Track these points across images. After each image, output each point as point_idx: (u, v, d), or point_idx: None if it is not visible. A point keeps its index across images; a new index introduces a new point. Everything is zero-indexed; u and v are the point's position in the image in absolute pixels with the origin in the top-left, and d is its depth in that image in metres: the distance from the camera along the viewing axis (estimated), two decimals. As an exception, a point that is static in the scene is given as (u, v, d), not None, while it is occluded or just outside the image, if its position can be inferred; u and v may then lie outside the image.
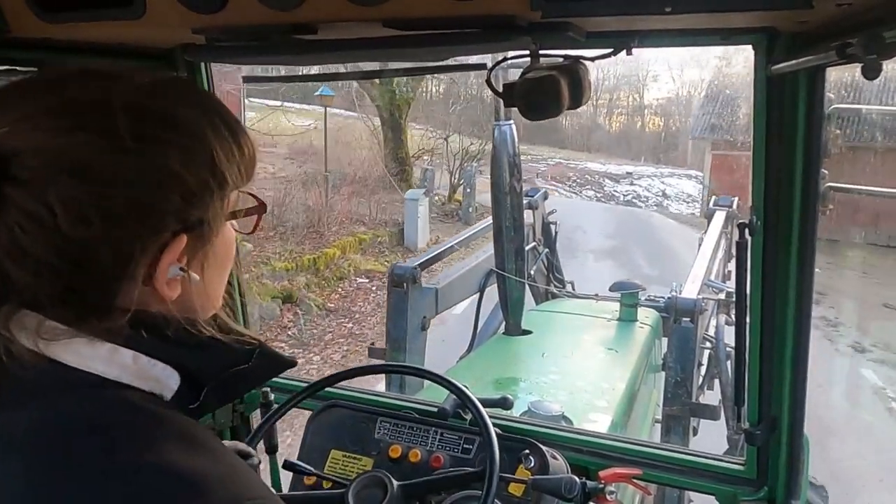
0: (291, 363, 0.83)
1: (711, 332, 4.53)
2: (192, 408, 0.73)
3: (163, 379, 0.70)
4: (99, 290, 0.67)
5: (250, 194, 0.80)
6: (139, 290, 0.68)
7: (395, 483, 1.49)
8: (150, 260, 0.68)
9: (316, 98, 16.00)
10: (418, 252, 11.77)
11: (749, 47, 1.28)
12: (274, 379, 1.81)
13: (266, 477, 1.76)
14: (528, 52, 1.11)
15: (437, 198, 17.67)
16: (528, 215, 4.83)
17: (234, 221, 0.80)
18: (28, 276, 0.64)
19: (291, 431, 4.21)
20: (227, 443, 1.52)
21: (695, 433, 4.10)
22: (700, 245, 5.50)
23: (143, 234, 0.67)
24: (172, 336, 0.70)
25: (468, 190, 17.36)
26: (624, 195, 35.64)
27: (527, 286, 4.37)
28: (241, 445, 1.54)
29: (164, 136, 0.68)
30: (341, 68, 1.88)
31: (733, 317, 1.75)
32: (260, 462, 1.54)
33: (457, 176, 18.12)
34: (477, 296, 4.40)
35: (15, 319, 0.65)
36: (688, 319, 3.78)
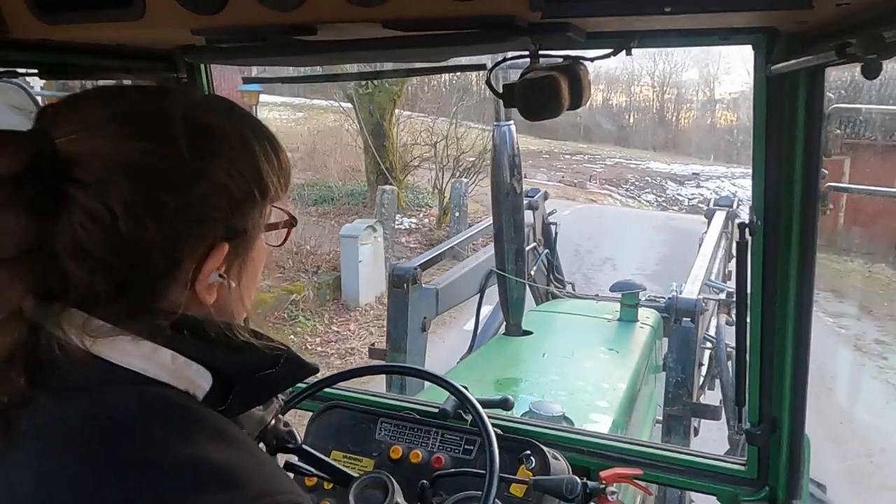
0: (314, 370, 0.86)
1: (712, 332, 4.53)
2: (220, 410, 0.75)
3: (196, 379, 0.73)
4: (148, 291, 0.71)
5: (282, 209, 0.84)
6: (180, 294, 0.72)
7: (396, 484, 1.49)
8: (194, 264, 0.72)
9: (237, 94, 11.08)
10: (359, 309, 9.65)
11: (749, 47, 1.28)
12: None
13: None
14: (527, 52, 1.11)
15: (426, 221, 14.86)
16: (528, 216, 4.83)
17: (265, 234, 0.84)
18: (85, 273, 0.67)
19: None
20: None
21: (696, 433, 4.10)
22: (700, 245, 5.50)
23: (192, 239, 0.71)
24: (211, 339, 0.73)
25: (457, 214, 13.82)
26: (689, 199, 32.19)
27: (527, 287, 4.37)
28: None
29: (216, 148, 0.73)
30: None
31: (734, 317, 1.75)
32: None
33: (447, 192, 14.39)
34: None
35: (65, 316, 0.68)
36: (688, 319, 3.77)
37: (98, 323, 0.69)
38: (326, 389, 1.75)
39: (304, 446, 1.47)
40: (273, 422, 1.44)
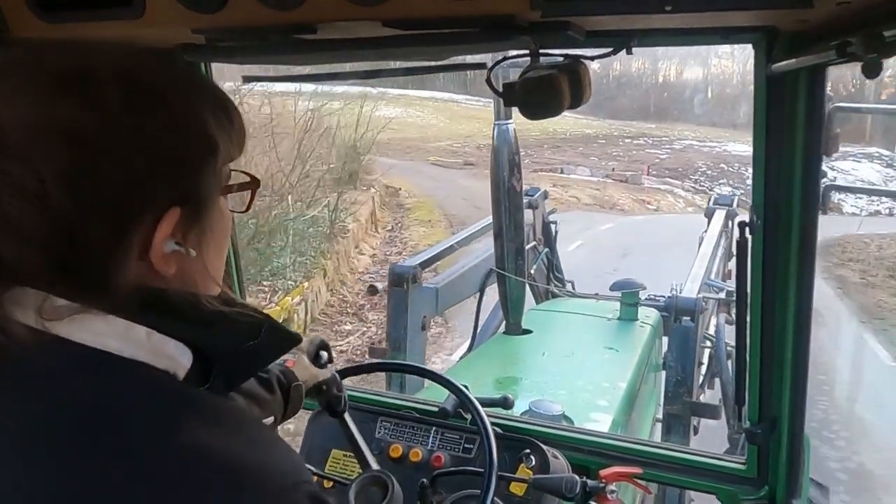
0: (297, 338, 0.81)
1: (712, 331, 4.54)
2: (204, 389, 0.71)
3: (176, 356, 0.68)
4: (95, 264, 0.65)
5: (243, 172, 0.79)
6: (137, 266, 0.66)
7: (396, 482, 1.49)
8: (144, 233, 0.66)
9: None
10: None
11: (746, 49, 1.28)
12: None
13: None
14: (528, 51, 1.11)
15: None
16: (527, 215, 4.83)
17: (227, 199, 0.78)
18: (18, 249, 0.62)
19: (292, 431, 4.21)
20: (307, 338, 1.55)
21: (695, 432, 4.10)
22: (700, 244, 5.50)
23: (136, 205, 0.65)
24: (183, 312, 0.68)
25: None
26: None
27: (527, 286, 4.38)
28: (322, 338, 1.57)
29: (154, 105, 0.67)
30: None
31: (734, 316, 1.75)
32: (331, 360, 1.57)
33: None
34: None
35: (9, 297, 0.63)
36: (688, 319, 3.78)
37: (58, 302, 0.63)
38: None
39: (346, 418, 1.50)
40: (325, 386, 1.49)
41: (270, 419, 1.34)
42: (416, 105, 41.17)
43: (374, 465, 1.48)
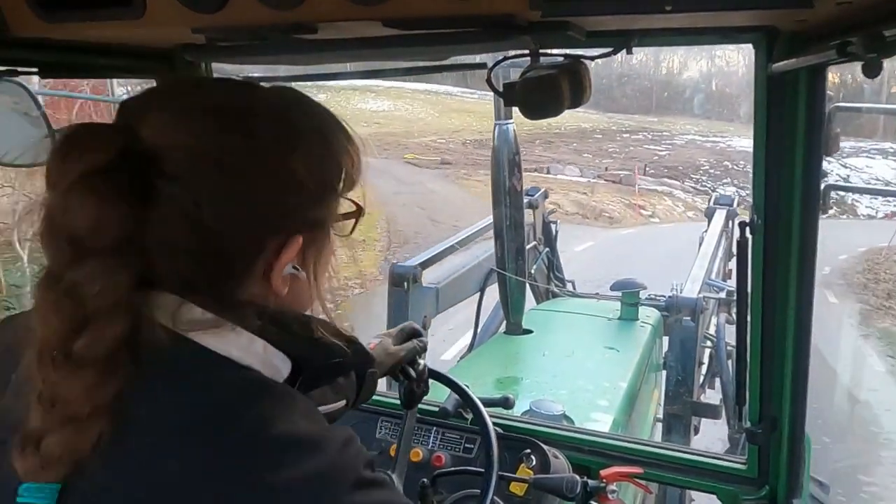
0: (374, 359, 0.92)
1: (712, 331, 4.53)
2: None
3: (279, 366, 0.76)
4: (232, 282, 0.73)
5: (350, 200, 0.85)
6: (256, 284, 0.74)
7: (397, 482, 1.49)
8: (270, 255, 0.74)
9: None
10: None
11: (749, 46, 1.28)
12: None
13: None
14: (528, 51, 1.12)
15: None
16: (528, 214, 4.83)
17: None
18: (172, 263, 0.70)
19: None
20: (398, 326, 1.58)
21: (696, 432, 4.11)
22: (700, 244, 5.50)
23: (271, 231, 0.73)
24: (292, 329, 0.76)
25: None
26: None
27: (527, 285, 4.38)
28: (414, 325, 1.58)
29: (297, 142, 0.74)
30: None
31: (734, 315, 1.75)
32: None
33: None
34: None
35: (165, 305, 0.70)
36: (689, 318, 3.78)
37: (200, 312, 0.71)
38: None
39: (410, 413, 1.54)
40: (404, 375, 1.50)
41: (342, 403, 1.35)
42: (406, 98, 40.00)
43: (402, 470, 1.48)
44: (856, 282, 14.72)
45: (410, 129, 32.83)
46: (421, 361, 1.52)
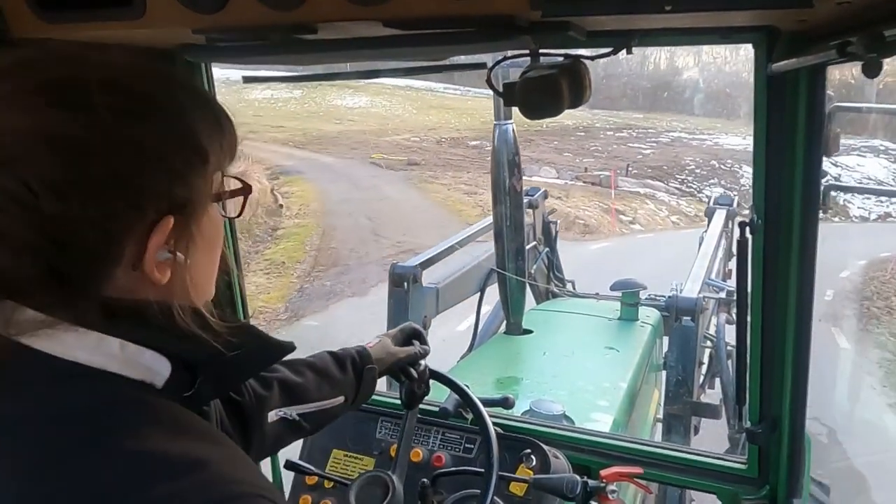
0: (289, 348, 0.81)
1: (712, 331, 4.53)
2: (188, 396, 0.72)
3: (153, 367, 0.69)
4: (85, 274, 0.65)
5: (235, 177, 0.79)
6: (128, 276, 0.67)
7: (397, 482, 1.49)
8: (137, 242, 0.67)
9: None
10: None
11: (749, 46, 1.28)
12: None
13: (267, 476, 1.75)
14: (528, 51, 1.12)
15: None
16: (528, 214, 4.83)
17: (220, 206, 0.79)
18: (9, 259, 0.63)
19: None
20: (399, 327, 1.56)
21: (696, 432, 4.10)
22: (700, 244, 5.50)
23: (127, 213, 0.66)
24: (158, 323, 0.69)
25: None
26: None
27: (527, 285, 4.37)
28: (414, 325, 1.56)
29: (143, 113, 0.67)
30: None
31: (734, 315, 1.75)
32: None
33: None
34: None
35: None
36: (689, 318, 3.78)
37: (30, 314, 0.64)
38: None
39: (411, 414, 1.53)
40: (405, 375, 1.49)
41: (340, 399, 1.35)
42: (385, 94, 39.10)
43: (402, 471, 1.48)
44: (867, 311, 11.85)
45: (385, 126, 31.71)
46: (422, 362, 1.52)
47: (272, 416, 1.23)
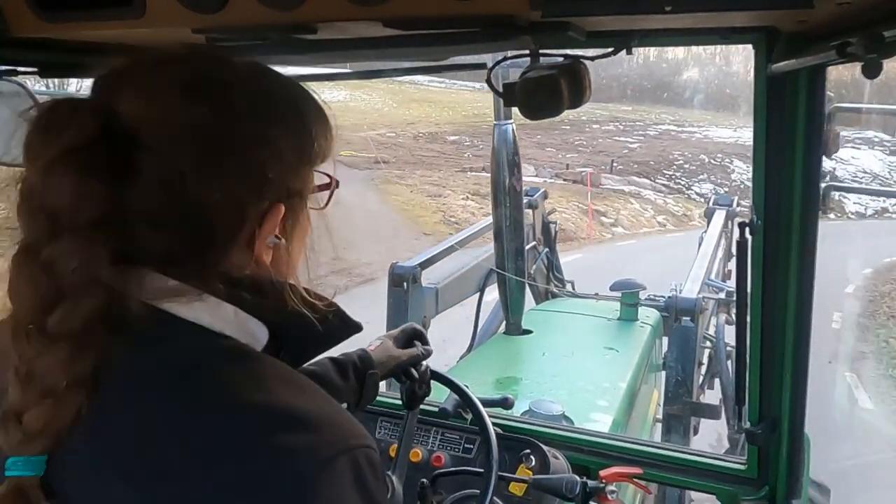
0: (358, 327, 0.88)
1: (712, 331, 4.53)
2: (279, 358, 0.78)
3: (256, 333, 0.76)
4: (216, 252, 0.73)
5: (324, 173, 0.86)
6: (241, 254, 0.75)
7: (396, 482, 1.49)
8: (253, 225, 0.74)
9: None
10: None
11: (749, 46, 1.28)
12: None
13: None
14: (528, 51, 1.12)
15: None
16: (527, 215, 4.83)
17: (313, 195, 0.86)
18: (157, 236, 0.70)
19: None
20: (400, 328, 1.57)
21: (695, 432, 4.10)
22: (700, 244, 5.50)
23: (251, 200, 0.74)
24: (267, 296, 0.76)
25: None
26: None
27: (527, 286, 4.37)
28: (415, 326, 1.57)
29: (272, 112, 0.75)
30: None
31: (734, 316, 1.75)
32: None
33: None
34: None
35: (139, 277, 0.70)
36: (688, 319, 3.78)
37: (164, 281, 0.71)
38: None
39: (411, 414, 1.53)
40: (406, 376, 1.49)
41: (343, 406, 1.35)
42: (366, 87, 37.53)
43: (402, 471, 1.48)
44: (886, 347, 9.32)
45: (362, 121, 30.06)
46: (424, 363, 1.51)
47: None
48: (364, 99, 36.37)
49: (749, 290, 1.49)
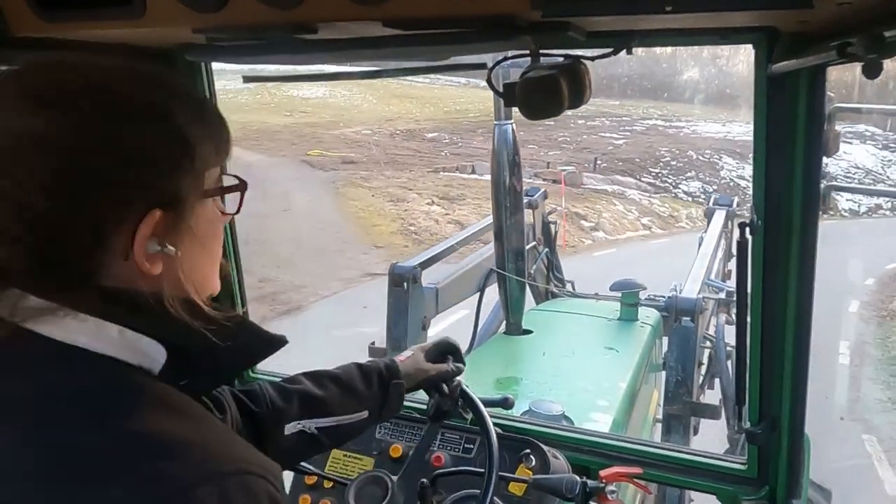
0: (280, 341, 0.83)
1: (712, 331, 4.53)
2: (183, 385, 0.74)
3: (150, 353, 0.72)
4: (78, 264, 0.70)
5: (232, 175, 0.82)
6: (120, 266, 0.71)
7: (396, 482, 1.49)
8: (126, 234, 0.70)
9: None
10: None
11: (749, 46, 1.28)
12: (272, 378, 1.81)
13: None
14: (528, 51, 1.12)
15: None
16: (527, 215, 4.82)
17: (218, 201, 0.82)
18: (10, 253, 0.67)
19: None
20: (434, 341, 1.54)
21: (695, 432, 4.10)
22: (700, 245, 5.50)
23: (113, 207, 0.70)
24: (156, 312, 0.72)
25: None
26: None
27: (527, 286, 4.37)
28: (450, 341, 1.54)
29: (127, 113, 0.71)
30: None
31: (734, 316, 1.75)
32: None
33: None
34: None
35: (4, 297, 0.68)
36: (688, 319, 3.78)
37: (34, 301, 0.68)
38: None
39: (432, 427, 1.52)
40: (437, 391, 1.48)
41: (364, 414, 1.33)
42: (345, 83, 34.98)
43: (409, 475, 1.48)
44: None
45: (339, 118, 29.34)
46: (458, 379, 1.50)
47: (290, 428, 1.23)
48: (343, 95, 35.39)
49: (749, 290, 1.49)
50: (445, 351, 1.51)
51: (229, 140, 0.81)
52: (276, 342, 0.83)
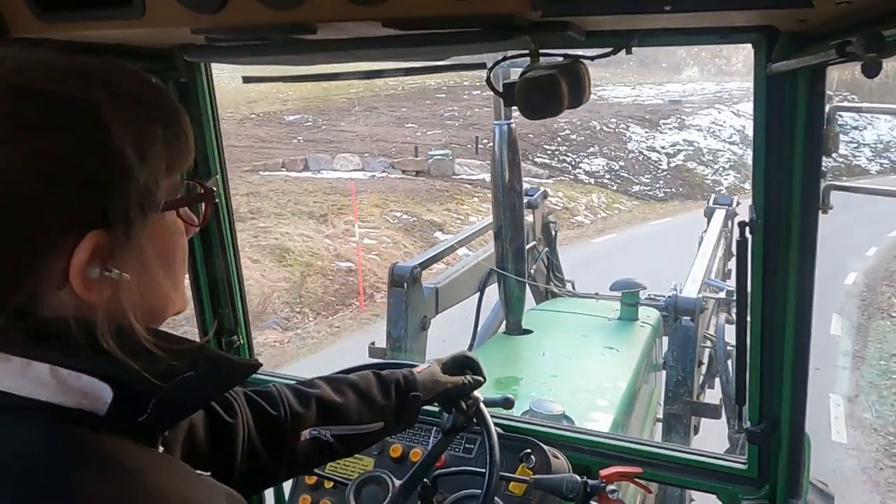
0: (252, 366, 0.75)
1: (712, 330, 4.53)
2: (141, 422, 0.65)
3: (91, 392, 0.63)
4: (8, 295, 0.60)
5: (197, 182, 0.74)
6: (56, 296, 0.62)
7: (396, 482, 1.49)
8: (60, 260, 0.61)
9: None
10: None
11: (749, 46, 1.28)
12: (272, 378, 1.81)
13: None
14: (528, 51, 1.12)
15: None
16: (527, 214, 4.82)
17: (182, 211, 0.73)
18: None
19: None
20: (452, 354, 1.51)
21: (696, 432, 4.10)
22: (700, 244, 5.50)
23: (39, 231, 0.60)
24: (97, 345, 0.62)
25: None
26: (669, 158, 16.36)
27: (527, 285, 4.37)
28: (467, 355, 1.53)
29: (52, 122, 0.60)
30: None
31: (734, 315, 1.75)
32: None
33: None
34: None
35: None
36: (688, 318, 3.78)
37: None
38: None
39: (446, 439, 1.52)
40: (454, 407, 1.46)
41: (379, 425, 1.30)
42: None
43: (415, 478, 1.48)
44: None
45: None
46: (476, 394, 1.50)
47: (305, 434, 1.20)
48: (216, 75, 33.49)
49: (749, 289, 1.49)
50: (463, 364, 1.50)
51: (188, 143, 0.70)
52: (247, 368, 0.74)
